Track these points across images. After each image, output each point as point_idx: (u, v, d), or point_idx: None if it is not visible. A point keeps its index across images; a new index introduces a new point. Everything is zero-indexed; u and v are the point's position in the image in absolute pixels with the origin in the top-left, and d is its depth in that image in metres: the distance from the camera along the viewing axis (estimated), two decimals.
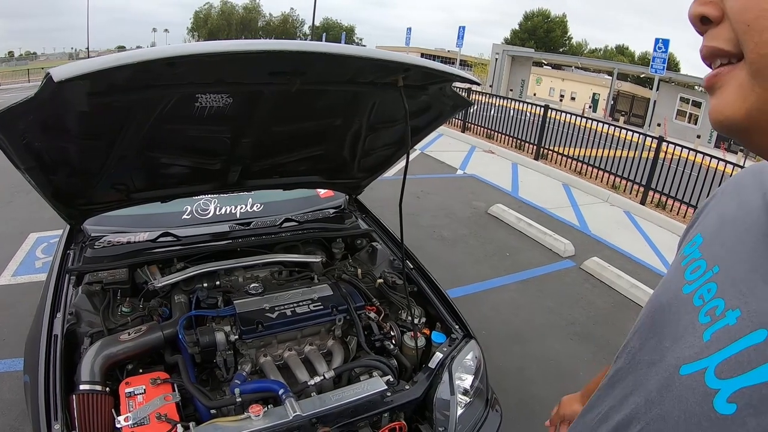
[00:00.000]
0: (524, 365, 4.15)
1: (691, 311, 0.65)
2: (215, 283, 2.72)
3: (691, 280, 0.70)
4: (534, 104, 12.71)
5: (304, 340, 2.49)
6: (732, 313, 0.58)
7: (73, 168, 2.24)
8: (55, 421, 1.76)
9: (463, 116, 14.76)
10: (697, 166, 8.47)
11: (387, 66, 2.00)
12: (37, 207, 6.08)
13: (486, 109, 14.25)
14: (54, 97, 1.57)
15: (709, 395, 0.54)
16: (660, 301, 0.75)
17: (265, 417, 1.87)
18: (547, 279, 5.89)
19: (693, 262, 0.72)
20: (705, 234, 0.75)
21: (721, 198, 0.78)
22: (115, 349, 2.11)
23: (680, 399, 0.58)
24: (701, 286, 0.66)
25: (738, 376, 0.52)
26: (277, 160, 2.76)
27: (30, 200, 6.50)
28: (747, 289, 0.58)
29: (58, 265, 2.61)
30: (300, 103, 2.30)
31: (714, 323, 0.60)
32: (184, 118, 2.11)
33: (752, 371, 0.51)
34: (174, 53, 1.50)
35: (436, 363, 2.35)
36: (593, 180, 10.56)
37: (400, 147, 2.98)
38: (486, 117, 14.18)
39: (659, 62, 17.46)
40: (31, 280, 4.82)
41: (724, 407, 0.52)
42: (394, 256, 3.11)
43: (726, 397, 0.52)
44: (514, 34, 57.50)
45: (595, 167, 10.61)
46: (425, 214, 7.54)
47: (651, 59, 17.94)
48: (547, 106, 11.98)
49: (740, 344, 0.54)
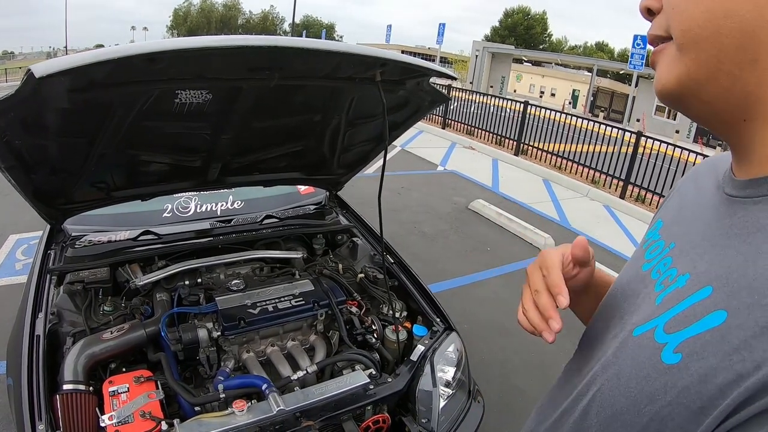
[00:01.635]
0: (507, 357, 4.19)
1: (649, 284, 0.70)
2: (197, 280, 2.72)
3: (650, 258, 0.75)
4: (514, 101, 12.76)
5: (286, 335, 2.49)
6: (682, 278, 0.63)
7: (54, 166, 2.22)
8: (39, 422, 1.74)
9: (443, 113, 14.82)
10: (676, 161, 8.58)
11: (364, 61, 2.02)
12: (16, 209, 6.00)
13: (466, 105, 14.29)
14: (34, 93, 1.56)
15: (657, 349, 0.58)
16: (621, 282, 0.80)
17: (249, 412, 1.88)
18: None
19: (652, 243, 0.77)
20: (665, 218, 0.80)
21: (681, 187, 0.84)
22: (97, 348, 2.10)
23: (632, 357, 0.62)
24: (659, 261, 0.71)
25: (684, 329, 0.56)
26: (257, 156, 2.77)
27: (8, 202, 6.38)
28: (697, 255, 0.63)
29: (39, 266, 2.58)
30: (279, 99, 2.31)
31: (666, 288, 0.65)
32: (164, 115, 2.11)
33: (697, 323, 0.55)
34: (154, 49, 1.50)
35: (418, 355, 2.37)
36: (573, 175, 10.66)
37: (379, 143, 3.00)
38: (466, 114, 14.24)
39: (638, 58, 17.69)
40: (11, 282, 4.76)
41: (671, 357, 0.56)
42: (374, 251, 3.13)
43: (672, 348, 0.56)
44: (494, 31, 57.74)
45: (575, 162, 10.72)
46: (406, 210, 7.56)
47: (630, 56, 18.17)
48: (527, 102, 12.06)
49: (687, 302, 0.58)
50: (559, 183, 10.37)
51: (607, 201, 9.46)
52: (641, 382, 0.59)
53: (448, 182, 9.59)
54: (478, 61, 34.01)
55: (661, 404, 0.55)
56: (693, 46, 0.57)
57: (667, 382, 0.55)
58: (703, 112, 0.62)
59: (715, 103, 0.59)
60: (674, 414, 0.54)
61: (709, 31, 0.54)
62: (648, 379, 0.58)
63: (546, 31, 59.06)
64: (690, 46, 0.57)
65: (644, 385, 0.58)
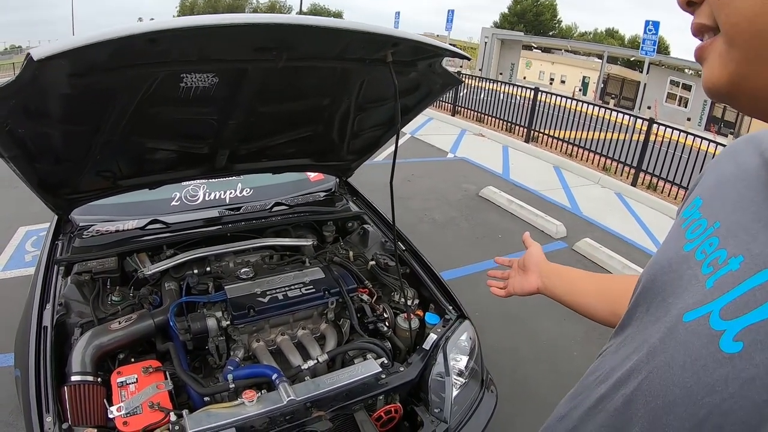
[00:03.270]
0: (518, 345, 4.16)
1: (694, 266, 0.66)
2: (205, 269, 2.69)
3: (692, 238, 0.70)
4: (524, 87, 12.64)
5: (296, 324, 2.46)
6: (735, 260, 0.59)
7: (58, 155, 2.19)
8: (47, 414, 1.73)
9: (453, 100, 14.72)
10: (688, 148, 8.48)
11: (375, 39, 1.95)
12: (24, 201, 6.00)
13: (476, 92, 14.19)
14: (35, 79, 1.53)
15: (714, 337, 0.54)
16: (660, 263, 0.74)
17: (259, 402, 1.86)
18: None
19: (693, 222, 0.73)
20: (704, 196, 0.75)
21: (716, 165, 0.79)
22: (105, 339, 2.09)
23: (685, 344, 0.58)
24: (703, 242, 0.67)
25: (743, 315, 0.53)
26: (265, 142, 2.72)
27: (17, 194, 6.38)
28: (749, 237, 0.59)
29: (47, 256, 2.57)
30: (287, 82, 2.26)
31: (717, 271, 0.61)
32: (169, 100, 2.07)
33: (758, 309, 0.52)
34: (155, 28, 1.46)
35: (431, 344, 2.34)
36: (584, 162, 10.57)
37: (390, 128, 2.95)
38: (476, 100, 14.13)
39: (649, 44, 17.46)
40: (21, 274, 4.77)
41: (731, 346, 0.52)
42: (385, 238, 3.09)
43: (732, 336, 0.53)
44: (503, 17, 57.24)
45: (586, 149, 10.62)
46: (416, 197, 7.50)
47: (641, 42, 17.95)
48: (537, 88, 11.96)
49: (745, 286, 0.55)
50: (570, 170, 10.27)
51: (618, 188, 9.37)
52: (698, 372, 0.54)
53: (459, 169, 9.51)
54: (487, 47, 33.84)
55: (721, 396, 0.51)
56: (743, 41, 0.52)
57: (729, 373, 0.51)
58: (756, 107, 0.57)
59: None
60: (736, 407, 0.50)
61: (759, 26, 0.50)
62: (705, 369, 0.54)
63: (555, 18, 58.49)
64: (740, 42, 0.52)
65: (701, 376, 0.54)
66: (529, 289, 1.40)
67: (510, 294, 1.47)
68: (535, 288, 1.39)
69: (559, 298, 1.34)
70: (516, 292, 1.45)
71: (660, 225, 7.66)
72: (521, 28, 49.67)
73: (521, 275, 1.44)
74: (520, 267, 1.46)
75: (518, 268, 1.47)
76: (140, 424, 1.79)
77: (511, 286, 1.46)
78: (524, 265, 1.44)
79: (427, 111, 12.47)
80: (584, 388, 0.79)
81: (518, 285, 1.43)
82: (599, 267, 5.84)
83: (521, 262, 1.46)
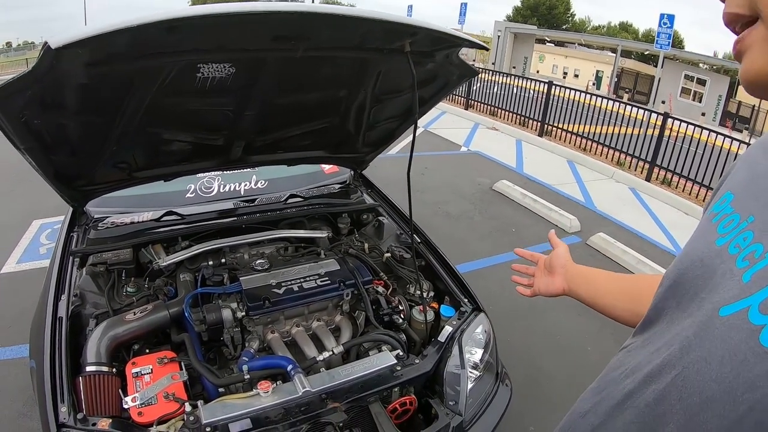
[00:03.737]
0: (531, 340, 4.14)
1: (728, 260, 0.63)
2: (221, 260, 2.69)
3: (725, 233, 0.68)
4: (538, 81, 12.55)
5: (311, 315, 2.46)
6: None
7: (74, 146, 2.20)
8: (61, 404, 1.74)
9: (466, 93, 14.64)
10: (702, 144, 8.37)
11: (394, 29, 1.94)
12: (40, 194, 6.04)
13: (489, 86, 14.11)
14: (52, 68, 1.53)
15: (754, 331, 0.52)
16: (690, 258, 0.72)
17: (274, 393, 1.86)
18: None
19: (725, 217, 0.70)
20: (735, 190, 0.73)
21: (747, 159, 0.77)
22: (120, 330, 2.10)
23: (723, 339, 0.56)
24: (736, 236, 0.65)
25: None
26: (280, 134, 2.72)
27: (32, 188, 6.43)
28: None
29: (62, 248, 2.58)
30: (304, 73, 2.25)
31: (753, 265, 0.58)
32: (186, 91, 2.07)
33: None
34: (173, 16, 1.45)
35: (446, 336, 2.33)
36: (598, 156, 10.47)
37: (405, 120, 2.94)
38: (489, 94, 14.05)
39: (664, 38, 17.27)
40: (35, 266, 4.81)
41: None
42: (400, 230, 3.08)
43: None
44: (516, 11, 56.81)
45: (599, 144, 10.53)
46: (430, 190, 7.48)
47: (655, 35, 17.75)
48: (551, 82, 11.87)
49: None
50: (584, 164, 10.19)
51: (632, 183, 9.28)
52: (737, 368, 0.52)
53: (472, 163, 9.48)
54: (500, 41, 33.59)
55: (763, 392, 0.49)
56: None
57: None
58: None
59: None
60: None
61: None
62: (745, 364, 0.51)
63: (569, 11, 58.01)
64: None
65: (741, 371, 0.52)
66: (555, 291, 1.39)
67: (535, 294, 1.46)
68: (560, 290, 1.37)
69: (584, 300, 1.32)
70: (541, 292, 1.43)
71: (674, 221, 7.59)
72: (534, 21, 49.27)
73: (547, 276, 1.43)
74: (546, 267, 1.44)
75: (544, 268, 1.45)
76: (155, 414, 1.80)
77: (536, 286, 1.45)
78: (550, 266, 1.42)
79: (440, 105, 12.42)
80: (608, 383, 0.76)
81: (544, 286, 1.42)
82: (613, 262, 5.80)
83: (547, 262, 1.44)
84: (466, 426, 2.15)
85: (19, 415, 2.99)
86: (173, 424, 1.80)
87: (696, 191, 8.53)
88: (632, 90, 35.02)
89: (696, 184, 8.49)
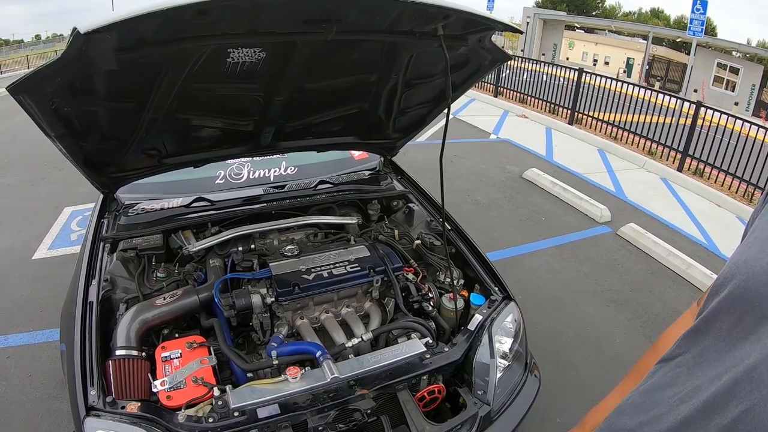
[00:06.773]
0: (560, 330, 4.09)
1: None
2: (250, 246, 2.69)
3: None
4: (567, 68, 12.35)
5: (340, 302, 2.46)
6: None
7: (104, 133, 2.21)
8: (91, 387, 1.76)
9: (495, 80, 14.48)
10: (736, 134, 8.16)
11: (426, 11, 1.90)
12: (70, 182, 6.16)
13: (518, 73, 13.94)
14: (81, 54, 1.53)
15: None
16: (754, 270, 0.65)
17: (303, 379, 1.85)
18: (582, 244, 5.77)
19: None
20: None
21: None
22: (150, 314, 2.11)
23: None
24: None
25: None
26: (310, 119, 2.71)
27: (63, 176, 6.59)
28: None
29: (93, 234, 2.61)
30: (335, 57, 2.23)
31: None
32: (215, 76, 2.06)
33: None
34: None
35: (476, 325, 2.30)
36: (629, 145, 10.27)
37: (436, 105, 2.90)
38: (519, 81, 13.87)
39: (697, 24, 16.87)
40: (66, 252, 4.90)
41: None
42: (431, 217, 3.05)
43: None
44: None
45: (630, 132, 10.33)
46: (459, 178, 7.43)
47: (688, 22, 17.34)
48: (582, 69, 11.66)
49: None
50: (614, 153, 10.01)
51: (664, 173, 9.09)
52: None
53: (501, 151, 9.39)
54: (529, 28, 33.15)
55: None
56: None
57: None
58: None
59: None
60: None
61: None
62: None
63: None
64: None
65: None
66: None
67: None
68: None
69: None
70: None
71: (707, 212, 7.42)
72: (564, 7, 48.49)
73: None
74: None
75: None
76: (184, 398, 1.82)
77: None
78: None
79: (469, 92, 12.30)
80: (657, 402, 0.71)
81: None
82: (644, 253, 5.69)
83: None
84: (494, 416, 2.13)
85: (50, 398, 3.05)
86: (201, 408, 1.82)
87: (729, 183, 8.30)
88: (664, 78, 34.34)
89: (729, 175, 8.26)
